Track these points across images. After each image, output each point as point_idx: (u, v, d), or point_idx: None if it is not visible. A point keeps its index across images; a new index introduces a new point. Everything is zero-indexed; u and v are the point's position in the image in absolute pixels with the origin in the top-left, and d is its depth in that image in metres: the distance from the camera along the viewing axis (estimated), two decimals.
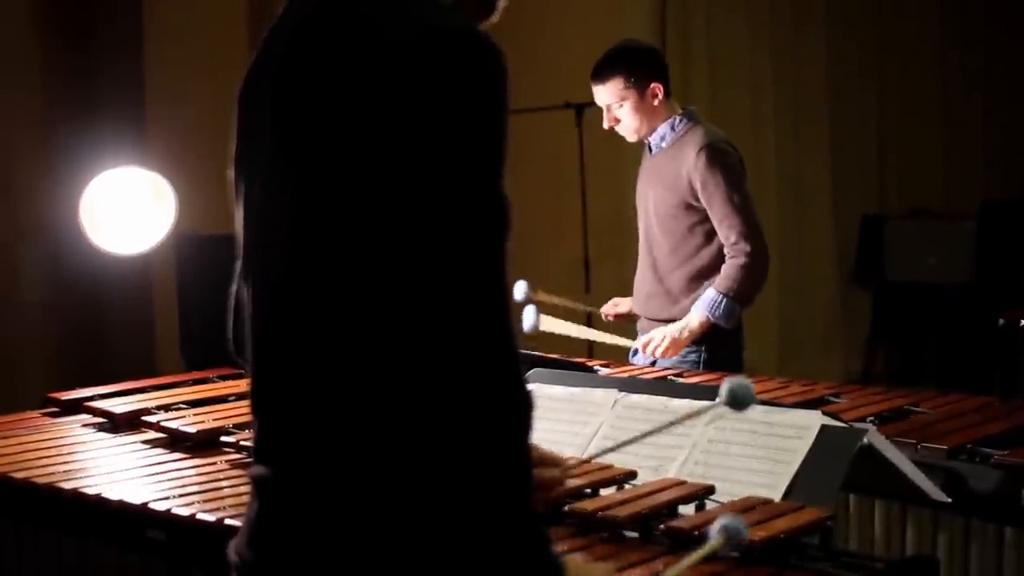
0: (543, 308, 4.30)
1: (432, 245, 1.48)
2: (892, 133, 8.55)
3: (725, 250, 4.13)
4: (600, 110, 4.32)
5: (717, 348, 4.16)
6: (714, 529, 1.84)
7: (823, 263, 8.20)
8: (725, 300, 4.09)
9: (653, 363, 4.22)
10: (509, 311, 1.52)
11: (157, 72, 5.55)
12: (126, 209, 4.60)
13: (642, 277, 4.37)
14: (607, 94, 4.22)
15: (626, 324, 4.52)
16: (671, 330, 4.16)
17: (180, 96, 5.49)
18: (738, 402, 2.06)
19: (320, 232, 1.55)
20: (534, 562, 1.54)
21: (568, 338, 4.50)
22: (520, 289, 4.23)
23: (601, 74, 4.22)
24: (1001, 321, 6.25)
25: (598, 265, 5.95)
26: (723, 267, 4.12)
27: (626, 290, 4.62)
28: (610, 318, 4.57)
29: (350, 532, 1.53)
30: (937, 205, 8.55)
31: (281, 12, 1.70)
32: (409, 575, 1.52)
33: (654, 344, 4.18)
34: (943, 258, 7.95)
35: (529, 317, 4.17)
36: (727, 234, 4.11)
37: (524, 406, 1.52)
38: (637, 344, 4.28)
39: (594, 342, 5.01)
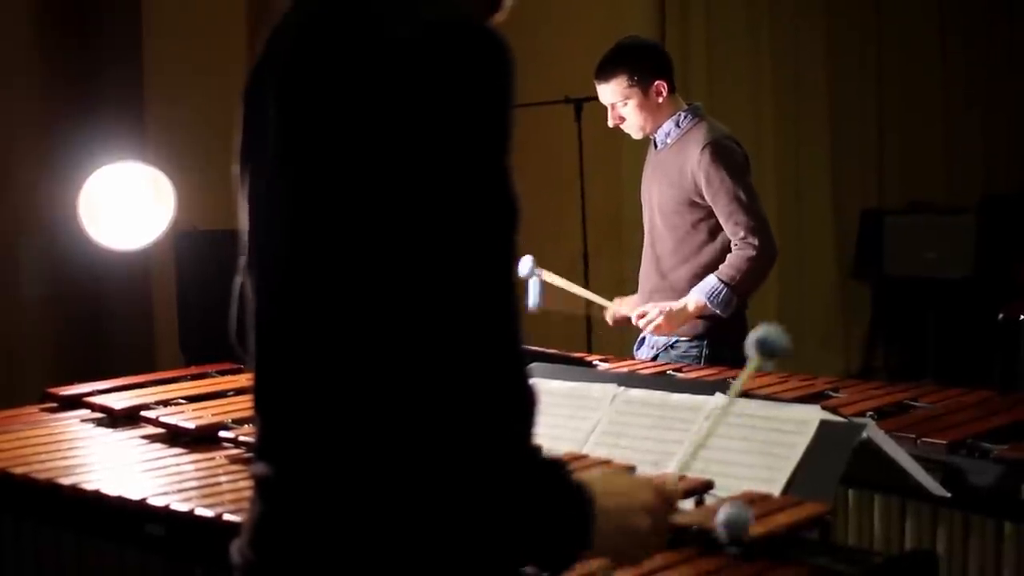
0: (547, 287, 4.30)
1: (438, 241, 1.48)
2: (892, 127, 8.55)
3: (732, 245, 4.12)
4: (602, 106, 4.31)
5: (720, 344, 4.15)
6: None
7: (822, 258, 8.20)
8: (725, 289, 4.08)
9: (655, 357, 4.22)
10: (516, 306, 1.52)
11: (156, 68, 5.56)
12: (125, 204, 4.61)
13: (646, 273, 4.36)
14: (611, 93, 4.21)
15: (629, 326, 4.48)
16: (667, 306, 4.16)
17: (179, 92, 5.50)
18: (770, 350, 2.02)
19: (325, 229, 1.54)
20: (559, 525, 1.54)
21: (568, 324, 4.46)
22: (526, 264, 4.21)
23: (604, 73, 4.21)
24: (1001, 315, 6.25)
25: (597, 259, 5.95)
26: (729, 256, 4.11)
27: (624, 284, 4.61)
28: (616, 321, 4.52)
29: (355, 531, 1.53)
30: (937, 199, 8.55)
31: (286, 8, 1.69)
32: (416, 573, 1.52)
33: (649, 316, 4.17)
34: (943, 252, 7.95)
35: (534, 293, 4.17)
36: (734, 230, 4.10)
37: (528, 401, 1.52)
38: (633, 315, 4.26)
39: (593, 331, 5.01)
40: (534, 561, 1.58)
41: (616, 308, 4.43)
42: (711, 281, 4.11)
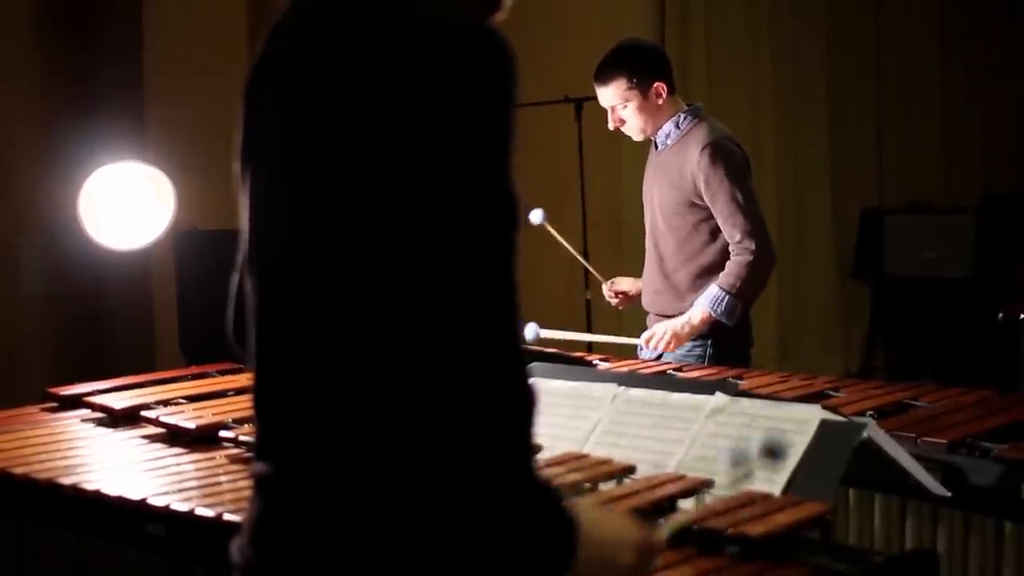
0: (549, 242, 4.33)
1: (439, 240, 1.48)
2: (892, 127, 8.55)
3: (730, 248, 4.12)
4: (602, 106, 4.31)
5: (724, 343, 4.15)
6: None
7: (822, 257, 8.20)
8: (728, 297, 4.08)
9: (659, 357, 4.22)
10: (515, 306, 1.52)
11: (156, 68, 5.55)
12: (125, 204, 4.61)
13: (649, 273, 4.37)
14: (611, 96, 4.21)
15: (629, 306, 4.51)
16: (673, 324, 4.16)
17: (179, 91, 5.50)
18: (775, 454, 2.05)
19: (325, 228, 1.54)
20: (544, 544, 1.54)
21: (568, 310, 4.46)
22: (537, 215, 4.26)
23: (603, 76, 4.21)
24: (1000, 315, 6.25)
25: (596, 259, 5.94)
26: (728, 264, 4.11)
27: None
28: (613, 299, 4.54)
29: (355, 529, 1.53)
30: (937, 199, 8.55)
31: (286, 8, 1.69)
32: (416, 572, 1.52)
33: (656, 338, 4.18)
34: (943, 252, 7.95)
35: (530, 331, 4.19)
36: (732, 232, 4.10)
37: (528, 400, 1.52)
38: (640, 341, 4.27)
39: (593, 330, 5.02)
40: (518, 573, 1.58)
41: (616, 281, 4.47)
42: (713, 291, 4.11)
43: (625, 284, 4.51)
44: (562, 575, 1.58)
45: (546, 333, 4.20)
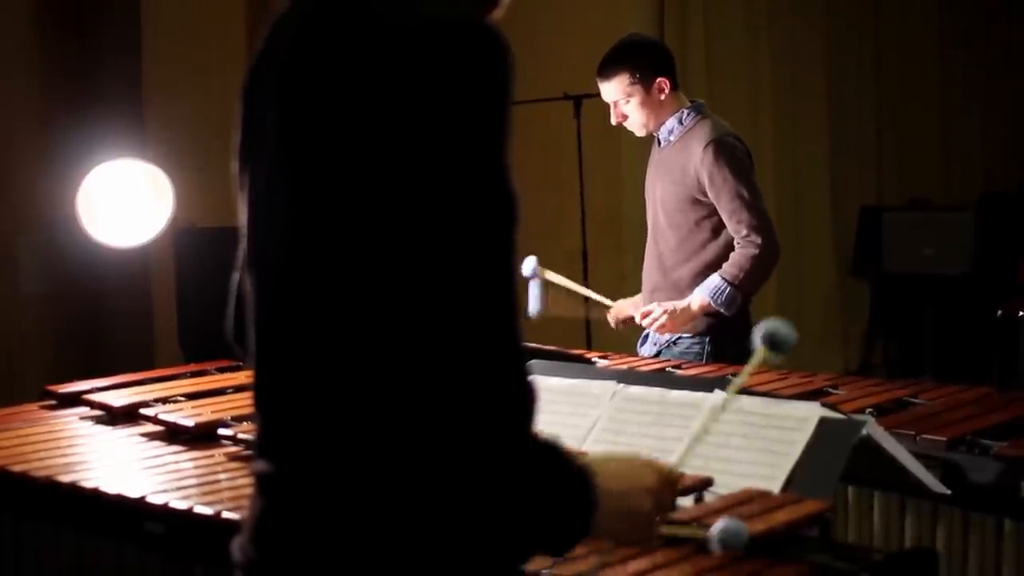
0: (549, 288, 4.31)
1: (437, 237, 1.48)
2: (891, 124, 8.55)
3: (735, 243, 4.12)
4: (602, 102, 4.31)
5: (722, 341, 4.15)
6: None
7: (821, 254, 8.19)
8: (729, 288, 4.08)
9: (658, 354, 4.22)
10: (515, 303, 1.52)
11: (155, 65, 5.56)
12: (124, 202, 4.61)
13: (648, 270, 4.36)
14: (613, 91, 4.21)
15: (632, 326, 4.47)
16: (671, 306, 4.16)
17: (178, 89, 5.50)
18: (777, 344, 2.01)
19: (323, 225, 1.54)
20: (562, 507, 1.55)
21: (568, 325, 4.44)
22: (528, 265, 4.23)
23: (606, 71, 4.21)
24: (999, 312, 6.26)
25: (596, 256, 5.96)
26: (732, 255, 4.11)
27: (624, 281, 4.61)
28: (620, 327, 4.52)
29: (356, 526, 1.53)
30: (936, 196, 8.55)
31: (284, 7, 1.69)
32: (419, 571, 1.52)
33: (653, 316, 4.17)
34: (941, 249, 7.94)
35: (534, 297, 4.19)
36: (737, 228, 4.10)
37: (528, 397, 1.52)
38: (636, 313, 4.26)
39: (592, 328, 5.01)
40: (537, 546, 1.58)
41: (619, 309, 4.44)
42: (715, 280, 4.11)
43: (629, 308, 4.44)
44: (586, 533, 1.58)
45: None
